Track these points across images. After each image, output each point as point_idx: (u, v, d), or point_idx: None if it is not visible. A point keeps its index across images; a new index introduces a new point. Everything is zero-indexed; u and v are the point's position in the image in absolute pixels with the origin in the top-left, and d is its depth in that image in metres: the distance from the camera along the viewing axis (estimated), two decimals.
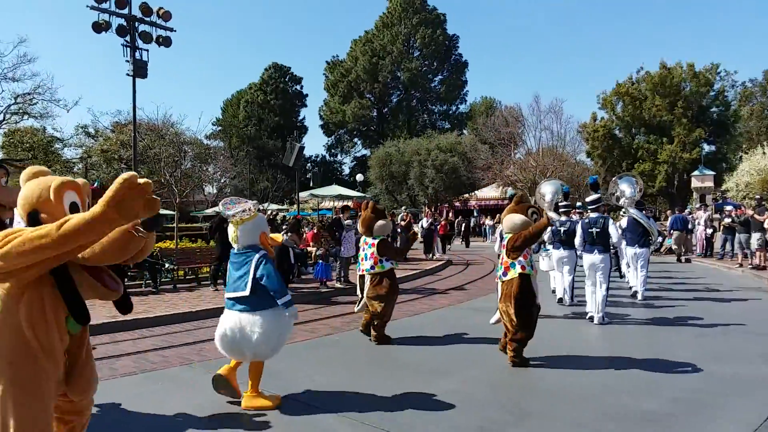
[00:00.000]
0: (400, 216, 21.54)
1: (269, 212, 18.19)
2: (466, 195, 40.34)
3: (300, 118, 64.10)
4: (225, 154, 44.64)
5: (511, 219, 6.17)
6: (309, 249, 15.61)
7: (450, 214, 39.72)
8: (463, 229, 30.67)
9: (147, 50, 13.60)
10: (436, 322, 8.87)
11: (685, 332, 7.80)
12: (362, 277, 7.53)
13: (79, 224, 2.35)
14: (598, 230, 8.63)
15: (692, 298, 10.78)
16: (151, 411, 4.82)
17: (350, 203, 27.84)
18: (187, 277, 13.15)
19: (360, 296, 7.67)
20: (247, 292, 4.65)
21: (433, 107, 61.69)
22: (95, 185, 4.74)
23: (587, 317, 8.67)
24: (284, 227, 12.65)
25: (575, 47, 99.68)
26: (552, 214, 9.51)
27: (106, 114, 59.96)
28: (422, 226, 20.55)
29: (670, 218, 19.55)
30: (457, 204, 40.76)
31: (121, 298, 2.92)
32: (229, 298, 4.80)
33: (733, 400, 4.94)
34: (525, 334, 6.04)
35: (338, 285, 12.46)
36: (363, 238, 7.61)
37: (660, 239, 19.64)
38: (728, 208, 17.91)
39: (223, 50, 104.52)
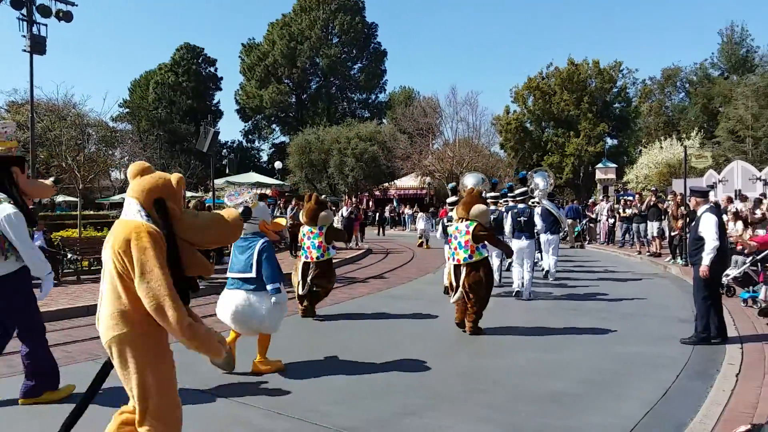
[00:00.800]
0: None
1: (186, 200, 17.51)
2: (386, 184, 40.68)
3: (214, 101, 61.90)
4: (133, 138, 42.46)
5: (479, 208, 7.14)
6: None
7: (370, 203, 39.97)
8: (377, 218, 30.98)
9: (46, 25, 12.67)
10: (355, 311, 8.90)
11: (590, 316, 8.27)
12: (307, 264, 8.15)
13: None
14: (525, 219, 9.81)
15: (596, 284, 11.45)
16: (51, 410, 4.51)
17: (268, 191, 27.39)
18: (93, 268, 12.40)
19: (300, 282, 8.22)
20: (253, 274, 5.24)
21: (353, 95, 61.53)
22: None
23: (514, 294, 9.68)
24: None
25: (490, 41, 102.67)
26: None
27: (0, 92, 55.13)
28: (342, 215, 20.52)
29: (565, 208, 20.67)
30: (377, 193, 41.03)
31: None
32: (235, 278, 5.40)
33: (635, 378, 5.30)
34: (483, 307, 7.06)
35: None
36: (307, 228, 8.18)
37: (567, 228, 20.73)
38: (629, 198, 19.14)
39: (130, 27, 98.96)
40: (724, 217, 9.59)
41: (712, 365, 5.65)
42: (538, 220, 10.23)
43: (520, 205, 10.09)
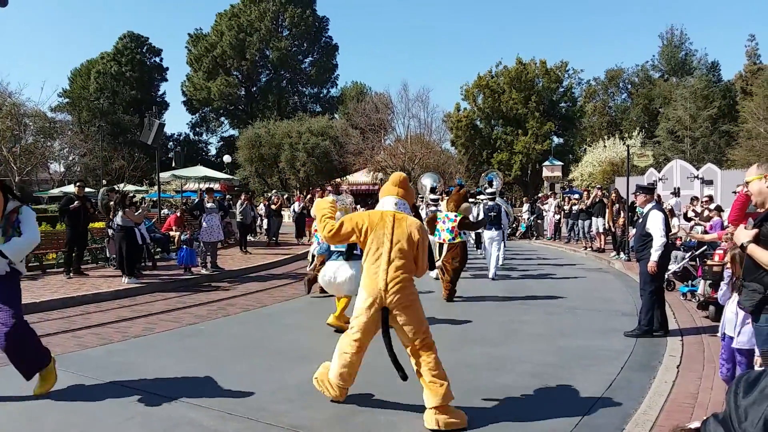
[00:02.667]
0: (270, 199, 21.09)
1: (130, 194, 16.90)
2: (338, 179, 40.47)
3: (160, 92, 60.20)
4: (74, 129, 40.76)
5: (466, 205, 9.67)
6: (171, 233, 14.76)
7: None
8: None
9: None
10: (306, 308, 8.80)
11: (536, 310, 8.45)
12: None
13: None
14: (494, 214, 11.96)
15: (543, 279, 11.72)
16: None
17: (217, 186, 26.76)
18: (30, 265, 11.80)
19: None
20: (343, 249, 6.72)
21: (304, 89, 60.94)
22: None
23: (490, 277, 11.47)
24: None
25: (441, 38, 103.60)
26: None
27: None
28: (294, 210, 20.28)
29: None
30: (329, 188, 40.72)
31: None
32: (334, 251, 6.85)
33: (581, 371, 5.43)
34: (457, 278, 9.26)
35: (204, 271, 11.91)
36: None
37: (515, 224, 21.19)
38: (575, 196, 19.66)
39: (70, 13, 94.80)
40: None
41: (655, 357, 5.85)
42: (504, 215, 12.25)
43: (490, 203, 12.33)
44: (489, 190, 12.52)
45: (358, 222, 4.30)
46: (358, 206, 10.32)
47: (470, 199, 12.20)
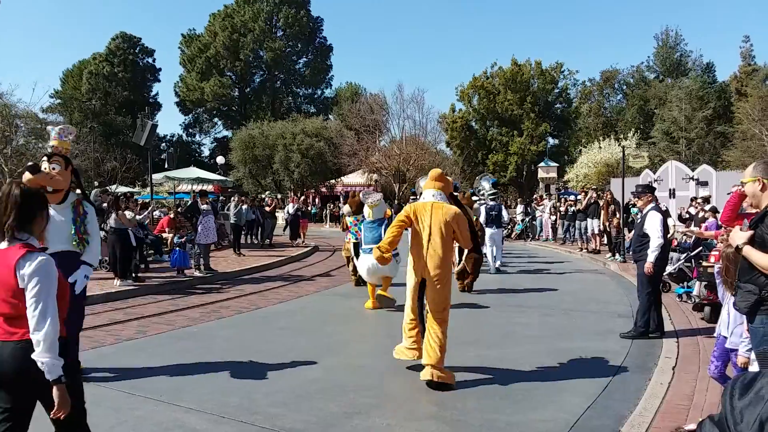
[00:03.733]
0: (264, 200, 21.02)
1: (120, 195, 16.79)
2: (333, 181, 40.42)
3: (153, 93, 59.86)
4: None
5: (475, 205, 10.99)
6: (164, 235, 14.67)
7: (316, 200, 39.63)
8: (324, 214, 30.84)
9: None
10: (300, 310, 8.76)
11: (533, 312, 8.43)
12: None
13: None
14: (495, 213, 12.93)
15: (539, 280, 11.71)
16: None
17: (210, 187, 26.68)
18: None
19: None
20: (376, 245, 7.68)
21: (298, 90, 60.82)
22: None
23: (491, 271, 12.45)
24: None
25: (437, 39, 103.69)
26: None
27: None
28: (288, 212, 20.22)
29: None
30: (324, 189, 40.70)
31: None
32: (368, 246, 8.06)
33: (577, 373, 5.40)
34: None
35: (197, 273, 11.84)
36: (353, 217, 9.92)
37: (510, 225, 21.20)
38: (572, 198, 19.69)
39: (63, 13, 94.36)
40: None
41: (651, 359, 5.84)
42: (504, 213, 13.62)
43: (491, 203, 13.11)
44: (491, 191, 13.40)
45: (408, 213, 5.30)
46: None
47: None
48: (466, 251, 9.34)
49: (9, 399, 2.57)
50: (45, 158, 4.77)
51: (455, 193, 6.80)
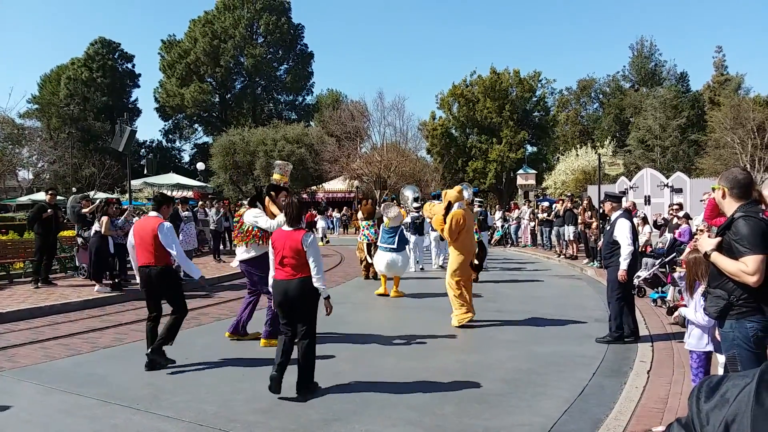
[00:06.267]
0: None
1: (98, 201, 16.54)
2: (314, 187, 40.30)
3: (132, 99, 59.23)
4: (43, 136, 39.91)
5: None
6: None
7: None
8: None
9: None
10: None
11: (511, 316, 8.50)
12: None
13: None
14: (482, 218, 14.35)
15: (517, 285, 11.82)
16: None
17: (190, 193, 26.45)
18: None
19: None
20: (395, 245, 10.51)
21: (279, 96, 60.61)
22: None
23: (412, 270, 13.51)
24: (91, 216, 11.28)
25: (417, 47, 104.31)
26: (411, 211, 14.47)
27: None
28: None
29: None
30: (305, 196, 40.56)
31: None
32: (385, 248, 10.57)
33: (554, 377, 5.48)
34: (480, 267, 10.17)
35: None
36: (369, 222, 12.26)
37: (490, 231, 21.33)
38: (545, 204, 19.92)
39: (40, 17, 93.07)
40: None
41: (626, 363, 5.94)
42: (489, 218, 15.58)
43: (477, 209, 14.02)
44: (414, 204, 13.71)
45: (459, 218, 7.66)
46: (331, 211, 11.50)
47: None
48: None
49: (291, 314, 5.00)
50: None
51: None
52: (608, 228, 7.06)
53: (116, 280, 10.78)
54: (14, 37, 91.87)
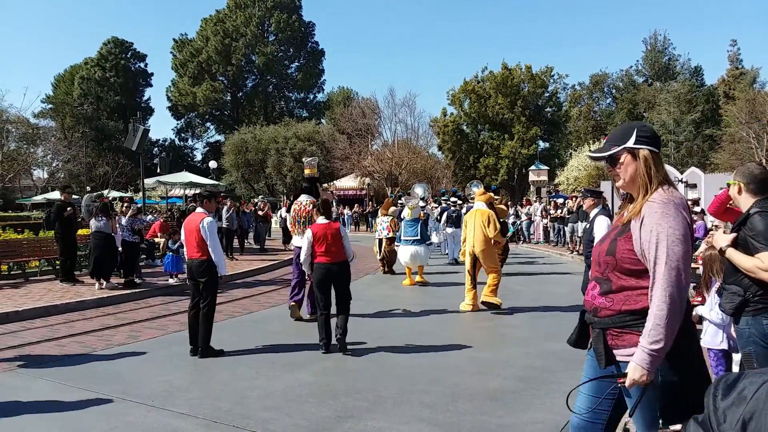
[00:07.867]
0: (257, 205, 20.99)
1: (110, 199, 16.72)
2: (325, 185, 40.38)
3: (145, 98, 59.81)
4: (57, 135, 40.39)
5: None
6: (156, 240, 14.63)
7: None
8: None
9: None
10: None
11: (522, 314, 8.49)
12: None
13: None
14: (456, 215, 14.87)
15: (527, 282, 11.77)
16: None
17: (203, 192, 26.60)
18: (12, 273, 11.63)
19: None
20: (418, 237, 11.41)
21: (291, 94, 60.83)
22: None
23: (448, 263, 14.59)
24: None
25: (428, 43, 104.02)
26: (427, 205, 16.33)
27: None
28: (281, 216, 20.19)
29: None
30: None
31: None
32: (406, 240, 11.51)
33: (567, 375, 5.44)
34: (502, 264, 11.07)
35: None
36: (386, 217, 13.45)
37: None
38: (559, 201, 19.81)
39: (54, 18, 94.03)
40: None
41: None
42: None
43: (452, 207, 15.45)
44: (422, 197, 14.28)
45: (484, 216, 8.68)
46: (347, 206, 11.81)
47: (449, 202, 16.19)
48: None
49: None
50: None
51: (494, 198, 9.54)
52: (588, 225, 6.83)
53: (129, 278, 10.88)
54: (28, 37, 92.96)
